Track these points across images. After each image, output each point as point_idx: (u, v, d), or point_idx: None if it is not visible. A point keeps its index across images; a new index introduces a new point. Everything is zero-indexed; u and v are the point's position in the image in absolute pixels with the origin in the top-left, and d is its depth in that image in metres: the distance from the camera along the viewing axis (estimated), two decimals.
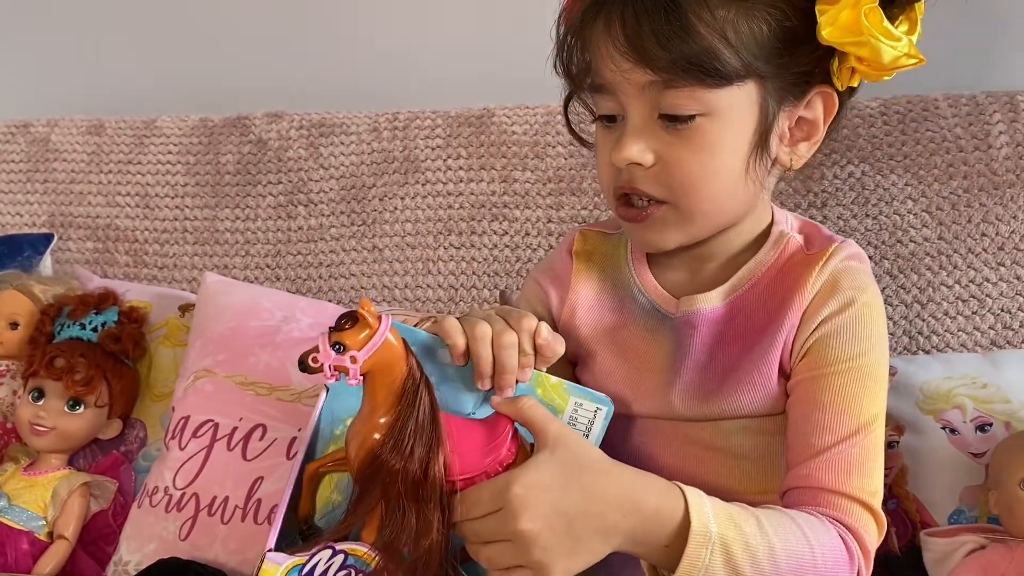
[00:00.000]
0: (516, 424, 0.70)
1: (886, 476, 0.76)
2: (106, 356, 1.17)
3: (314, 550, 0.67)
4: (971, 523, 0.96)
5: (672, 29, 0.70)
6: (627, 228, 0.81)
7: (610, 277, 0.86)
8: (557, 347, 0.74)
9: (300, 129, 1.37)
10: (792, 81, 0.74)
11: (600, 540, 0.66)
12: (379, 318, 0.67)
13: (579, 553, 0.65)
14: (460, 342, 0.72)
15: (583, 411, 0.75)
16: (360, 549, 0.67)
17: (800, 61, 0.73)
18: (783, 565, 0.67)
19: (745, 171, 0.74)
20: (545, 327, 0.74)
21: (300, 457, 0.73)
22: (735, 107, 0.72)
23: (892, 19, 0.71)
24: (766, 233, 0.82)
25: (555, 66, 0.79)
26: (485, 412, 0.73)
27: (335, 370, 0.66)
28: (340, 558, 0.67)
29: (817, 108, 0.76)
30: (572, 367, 0.86)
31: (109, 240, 1.39)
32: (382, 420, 0.67)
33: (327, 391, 0.75)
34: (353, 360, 0.65)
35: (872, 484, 0.74)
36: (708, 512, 0.66)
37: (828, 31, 0.71)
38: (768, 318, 0.78)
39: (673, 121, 0.73)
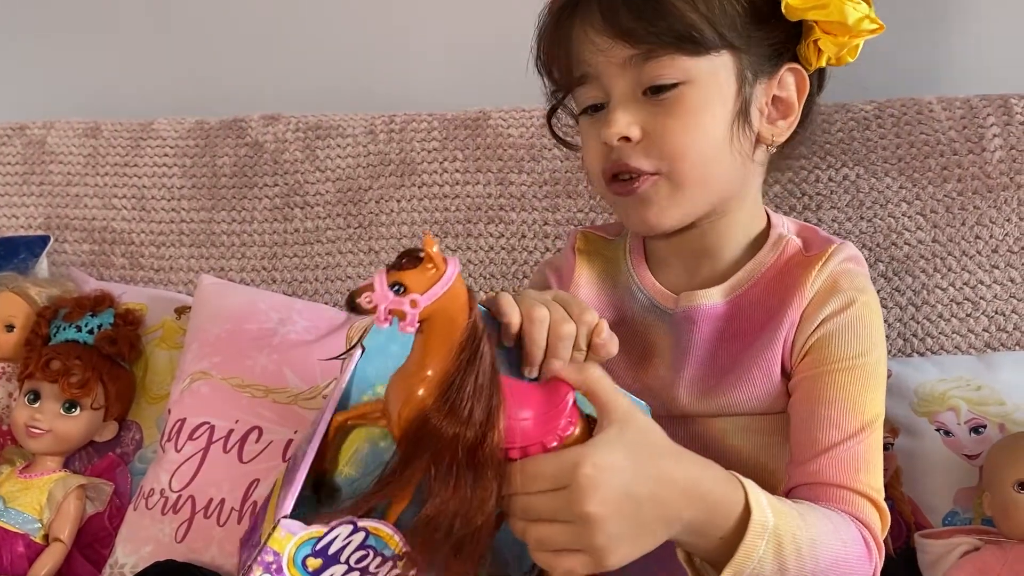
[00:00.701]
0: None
1: None
2: (102, 358, 1.17)
3: (333, 523, 0.59)
4: (965, 525, 0.96)
5: (645, 3, 0.73)
6: (622, 210, 0.81)
7: (610, 278, 0.87)
8: (612, 349, 0.71)
9: (296, 131, 1.37)
10: (765, 55, 0.77)
11: (662, 527, 0.62)
12: (445, 260, 0.59)
13: (641, 540, 0.61)
14: (516, 320, 0.68)
15: None
16: (384, 529, 0.60)
17: (770, 35, 0.77)
18: (820, 558, 0.67)
19: (729, 140, 0.76)
20: (606, 326, 0.70)
21: (327, 418, 0.65)
22: (714, 76, 0.75)
23: None
24: (764, 236, 0.84)
25: (536, 65, 0.81)
26: None
27: (390, 314, 0.57)
28: (360, 536, 0.60)
29: (789, 86, 0.79)
30: None
31: (105, 242, 1.38)
32: (430, 373, 0.60)
33: (362, 352, 0.67)
34: (413, 304, 0.57)
35: (877, 481, 0.75)
36: (765, 503, 0.65)
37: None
38: (767, 316, 0.79)
39: (657, 92, 0.75)
